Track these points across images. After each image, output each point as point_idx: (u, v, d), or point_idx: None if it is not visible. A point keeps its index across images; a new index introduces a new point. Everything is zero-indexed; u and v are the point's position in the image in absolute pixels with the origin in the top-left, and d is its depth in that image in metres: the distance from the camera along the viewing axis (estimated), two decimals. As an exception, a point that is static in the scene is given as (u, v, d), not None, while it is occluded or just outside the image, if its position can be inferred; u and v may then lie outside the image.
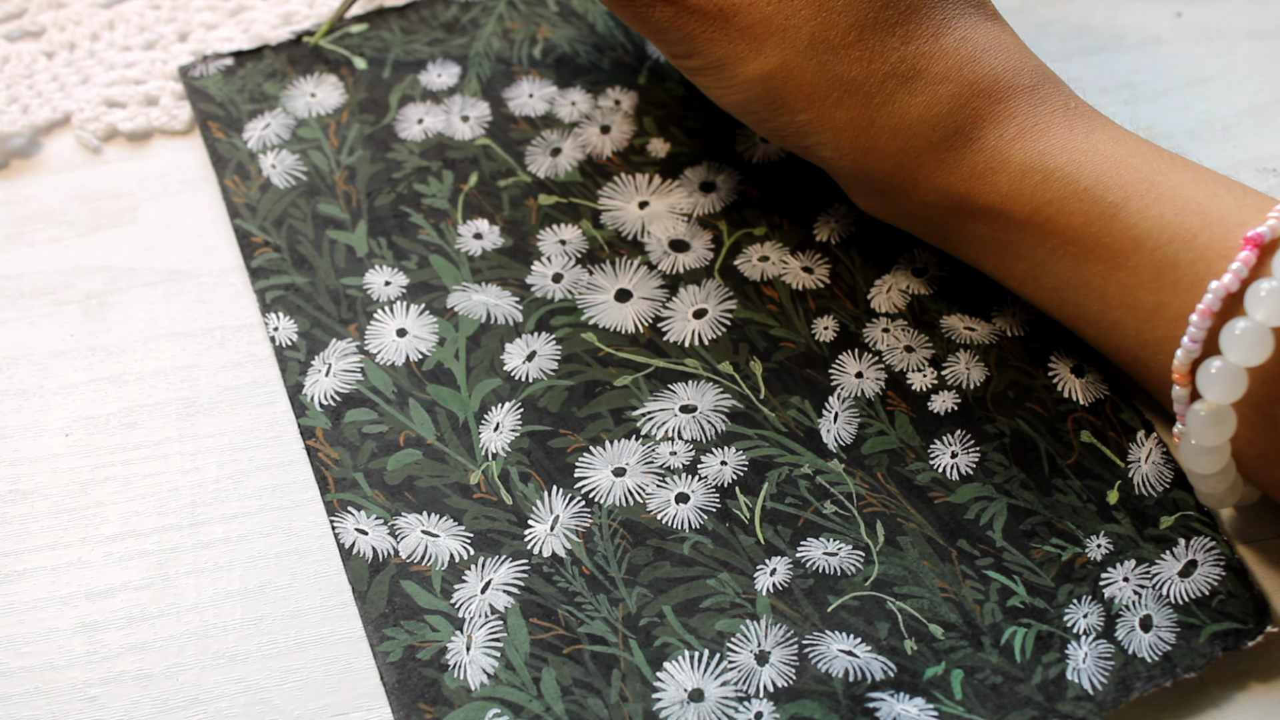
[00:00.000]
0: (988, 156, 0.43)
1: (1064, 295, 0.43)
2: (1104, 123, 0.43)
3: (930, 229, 0.45)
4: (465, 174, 0.50)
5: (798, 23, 0.43)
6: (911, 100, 0.43)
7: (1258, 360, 0.38)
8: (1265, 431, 0.40)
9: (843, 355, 0.47)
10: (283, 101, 0.51)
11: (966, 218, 0.44)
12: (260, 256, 0.48)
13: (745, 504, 0.44)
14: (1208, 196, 0.40)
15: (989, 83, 0.43)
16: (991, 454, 0.45)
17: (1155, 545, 0.43)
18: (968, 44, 0.43)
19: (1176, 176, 0.41)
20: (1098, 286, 0.42)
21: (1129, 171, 0.41)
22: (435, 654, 0.41)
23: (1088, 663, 0.41)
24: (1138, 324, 0.41)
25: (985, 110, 0.43)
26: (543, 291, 0.48)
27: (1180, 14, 0.56)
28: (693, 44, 0.44)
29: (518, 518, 0.43)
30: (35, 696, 0.40)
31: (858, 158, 0.44)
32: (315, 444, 0.44)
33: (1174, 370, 0.40)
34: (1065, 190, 0.41)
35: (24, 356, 0.46)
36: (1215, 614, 0.42)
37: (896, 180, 0.44)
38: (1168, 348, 0.40)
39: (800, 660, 0.41)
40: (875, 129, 0.43)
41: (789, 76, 0.43)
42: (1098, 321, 0.42)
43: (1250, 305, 0.38)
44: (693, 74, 0.46)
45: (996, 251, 0.44)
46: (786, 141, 0.45)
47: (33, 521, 0.43)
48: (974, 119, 0.43)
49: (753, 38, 0.43)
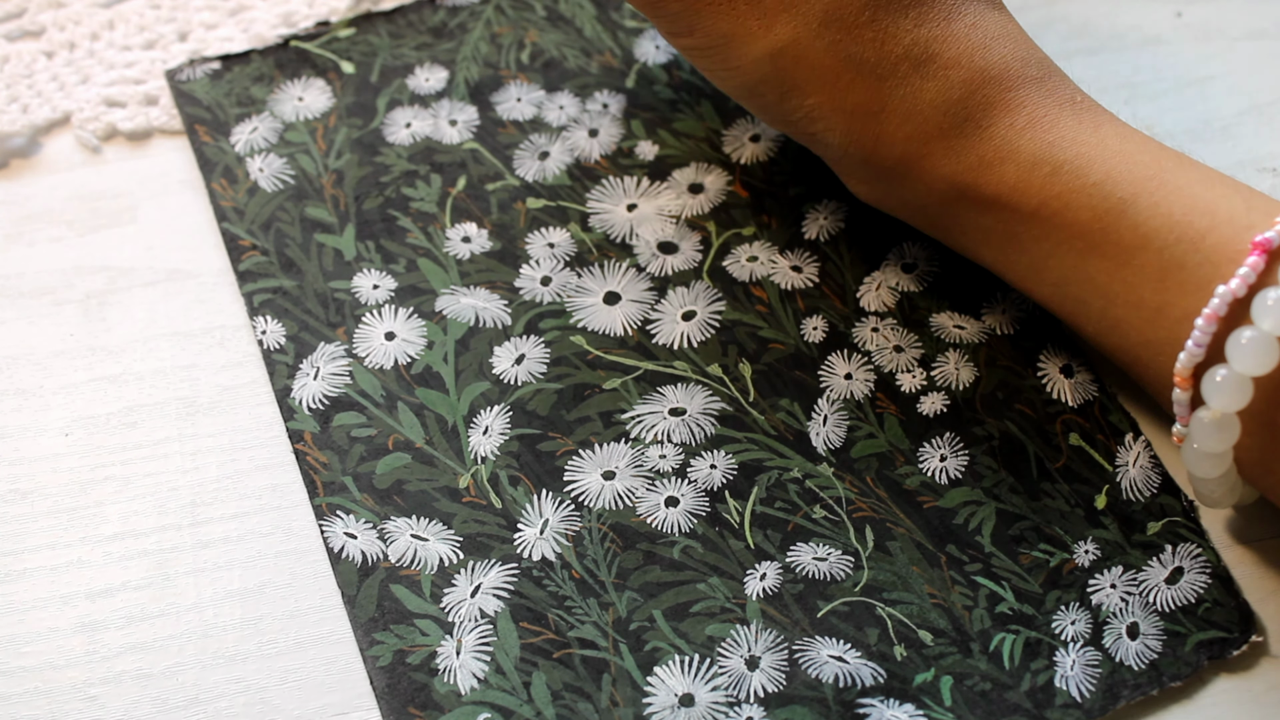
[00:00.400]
0: (997, 146, 0.42)
1: (1066, 291, 0.42)
2: (1111, 118, 0.43)
3: (931, 219, 0.44)
4: (453, 178, 0.50)
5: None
6: (924, 84, 0.42)
7: (1264, 370, 0.38)
8: (1266, 438, 0.39)
9: (832, 356, 0.46)
10: (270, 105, 0.51)
11: (970, 208, 0.43)
12: (248, 260, 0.48)
13: (735, 508, 0.44)
14: (1217, 197, 0.40)
15: (999, 70, 0.42)
16: (980, 457, 0.44)
17: (1142, 551, 0.43)
18: (979, 30, 0.43)
19: (1184, 175, 0.40)
20: (1102, 283, 0.41)
21: (1138, 168, 0.41)
22: (425, 658, 0.41)
23: (1075, 670, 0.41)
24: (1141, 323, 0.41)
25: (996, 98, 0.42)
26: (531, 294, 0.47)
27: (1180, 14, 0.55)
28: (696, 18, 0.43)
29: (507, 521, 0.43)
30: (35, 696, 0.40)
31: (866, 144, 0.43)
32: (304, 448, 0.44)
33: (1176, 373, 0.39)
34: (1074, 184, 0.41)
35: (24, 356, 0.46)
36: (1201, 622, 0.41)
37: (902, 168, 0.43)
38: (1170, 349, 0.40)
39: (790, 665, 0.41)
40: (886, 114, 0.42)
41: (800, 55, 0.42)
42: (1099, 319, 0.42)
43: (1257, 313, 0.38)
44: (695, 54, 0.44)
45: (999, 244, 0.43)
46: (792, 128, 0.45)
47: (33, 521, 0.43)
48: (985, 107, 0.42)
49: (763, 11, 0.42)
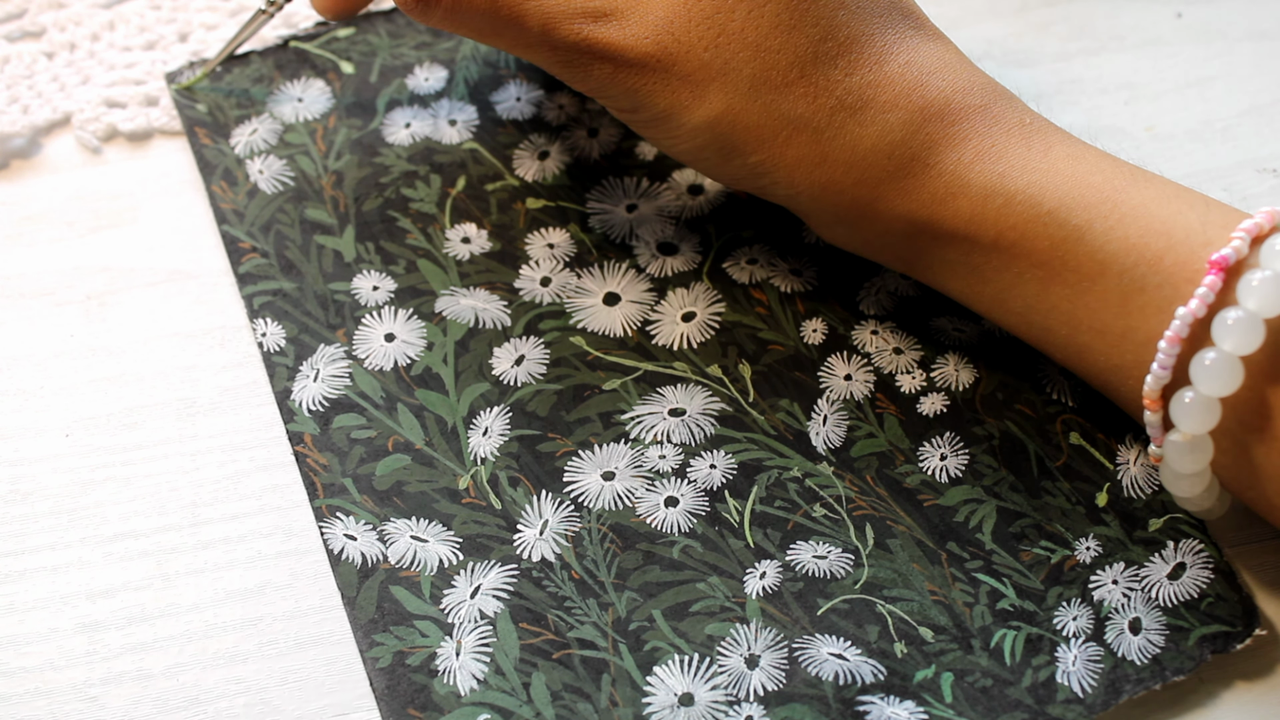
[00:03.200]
0: (947, 181, 0.42)
1: (1031, 319, 0.42)
2: (1062, 138, 0.42)
3: (896, 255, 0.44)
4: (453, 178, 0.50)
5: (737, 65, 0.42)
6: (862, 131, 0.42)
7: (1228, 391, 0.38)
8: (1238, 457, 0.39)
9: (831, 358, 0.46)
10: (270, 107, 0.51)
11: (931, 242, 0.43)
12: (248, 262, 0.48)
13: (735, 507, 0.44)
14: (1172, 214, 0.40)
15: (940, 105, 0.42)
16: (981, 456, 0.44)
17: (1144, 548, 0.43)
18: (913, 68, 0.42)
19: (1139, 194, 0.40)
20: (1065, 310, 0.41)
21: (1090, 191, 0.40)
22: (425, 659, 0.41)
23: (1077, 665, 0.41)
24: (1106, 348, 0.41)
25: (939, 134, 0.42)
26: (531, 295, 0.48)
27: (1180, 14, 0.55)
28: (636, 97, 0.44)
29: (507, 522, 0.43)
30: (35, 696, 0.40)
31: (815, 193, 0.43)
32: (303, 449, 0.44)
33: (1145, 396, 0.39)
34: (1028, 214, 0.41)
35: (24, 356, 0.46)
36: (1204, 617, 0.41)
37: (856, 210, 0.43)
38: (1138, 372, 0.40)
39: (790, 664, 0.41)
40: (829, 163, 0.42)
41: (735, 120, 0.43)
42: (1065, 345, 0.42)
43: (1217, 334, 0.38)
44: (642, 127, 0.45)
45: (964, 275, 0.43)
46: (742, 184, 0.45)
47: (33, 521, 0.43)
48: (928, 144, 0.42)
49: (694, 84, 0.43)
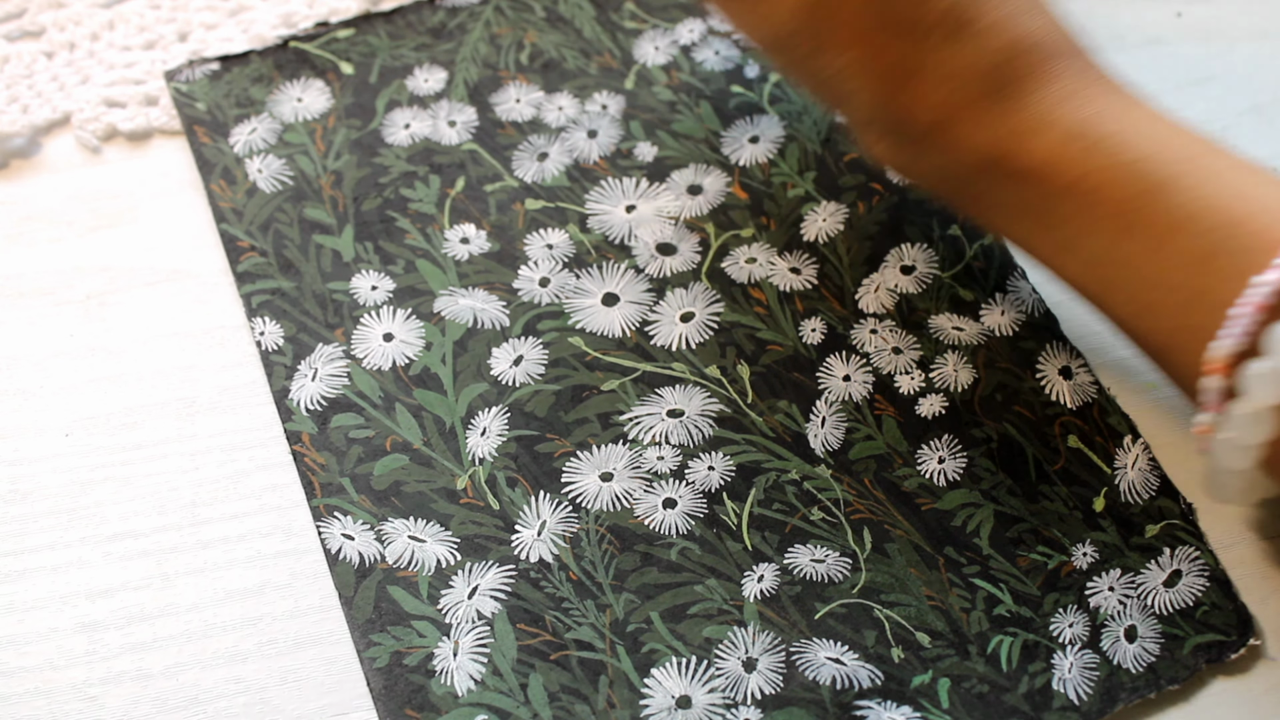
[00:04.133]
0: (1033, 115, 0.41)
1: (1097, 271, 0.41)
2: (1140, 101, 0.41)
3: (958, 189, 0.43)
4: (452, 179, 0.50)
5: None
6: (961, 48, 0.41)
7: None
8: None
9: (830, 358, 0.46)
10: (269, 106, 0.51)
11: (1002, 179, 0.41)
12: (246, 261, 0.48)
13: (733, 510, 0.43)
14: (1253, 184, 0.39)
15: (1036, 40, 0.41)
16: (979, 459, 0.44)
17: (1140, 554, 0.43)
18: (1010, 2, 0.41)
19: (1220, 160, 0.39)
20: (1136, 265, 0.40)
21: (1174, 150, 0.39)
22: (422, 660, 0.41)
23: (1073, 673, 0.41)
24: (1175, 308, 0.39)
25: (1033, 67, 0.41)
26: (530, 296, 0.47)
27: (1180, 14, 0.55)
28: None
29: (505, 523, 0.43)
30: (35, 696, 0.40)
31: (898, 107, 0.42)
32: (301, 449, 0.44)
33: (1210, 360, 0.38)
34: (1111, 160, 0.39)
35: (24, 356, 0.46)
36: (1199, 626, 0.41)
37: (934, 134, 0.42)
38: (1204, 335, 0.38)
39: (788, 667, 0.41)
40: (922, 76, 0.41)
41: (836, 9, 0.41)
42: (1130, 302, 0.40)
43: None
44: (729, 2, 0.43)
45: (1030, 219, 0.42)
46: (822, 86, 0.43)
47: (33, 521, 0.43)
48: (1020, 75, 0.41)
49: None
